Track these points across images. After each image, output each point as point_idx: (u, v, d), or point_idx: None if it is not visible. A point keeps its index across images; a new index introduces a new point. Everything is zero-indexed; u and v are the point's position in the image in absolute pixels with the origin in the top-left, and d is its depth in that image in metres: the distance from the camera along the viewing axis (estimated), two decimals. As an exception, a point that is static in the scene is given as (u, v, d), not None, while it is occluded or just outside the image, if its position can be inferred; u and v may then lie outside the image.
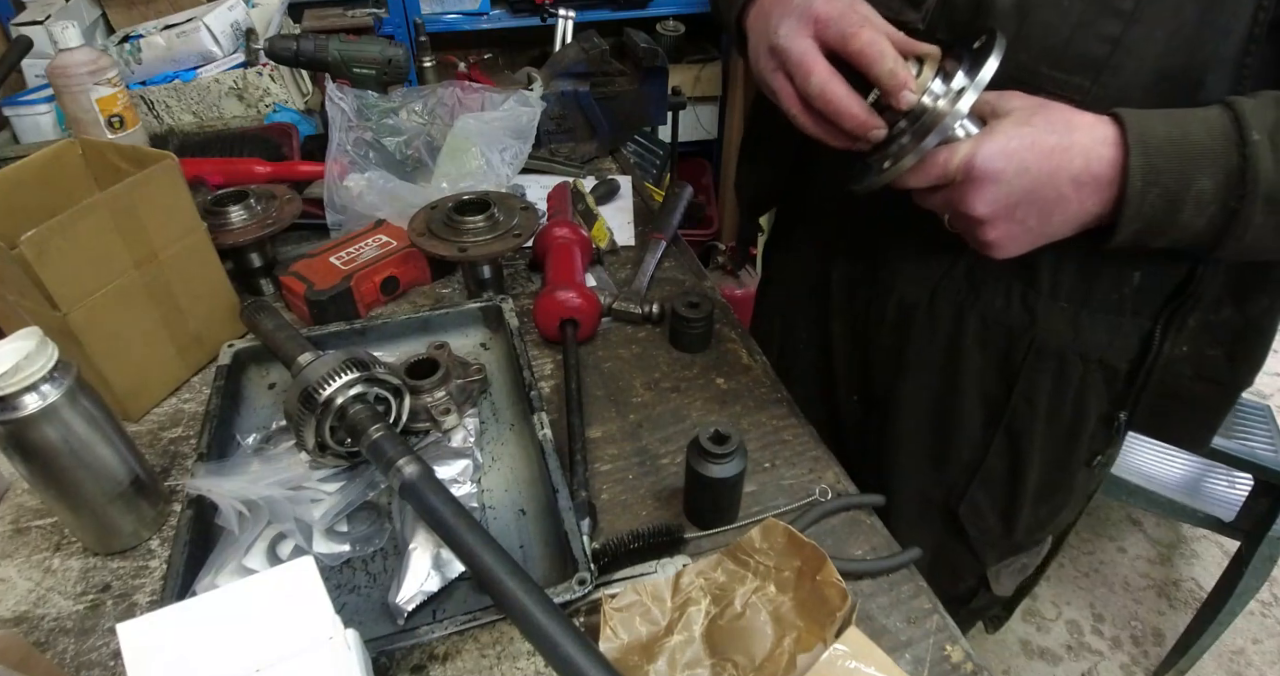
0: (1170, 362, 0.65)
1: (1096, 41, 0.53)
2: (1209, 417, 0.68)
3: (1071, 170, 0.48)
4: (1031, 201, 0.49)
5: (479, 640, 0.53)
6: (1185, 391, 0.66)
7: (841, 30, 0.51)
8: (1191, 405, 0.67)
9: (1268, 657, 1.60)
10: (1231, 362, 0.63)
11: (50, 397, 0.52)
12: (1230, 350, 0.63)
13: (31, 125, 1.26)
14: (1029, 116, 0.49)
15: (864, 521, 0.62)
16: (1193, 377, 0.65)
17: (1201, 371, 0.64)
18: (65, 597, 0.57)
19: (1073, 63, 0.54)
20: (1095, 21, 0.52)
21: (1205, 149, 0.46)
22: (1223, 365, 0.64)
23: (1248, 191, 0.45)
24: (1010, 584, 0.91)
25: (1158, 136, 0.46)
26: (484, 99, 1.02)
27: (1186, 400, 0.67)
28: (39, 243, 0.59)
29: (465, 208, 0.84)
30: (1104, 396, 0.70)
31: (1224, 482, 1.45)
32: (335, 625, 0.40)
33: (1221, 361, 0.63)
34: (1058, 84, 0.55)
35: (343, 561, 0.58)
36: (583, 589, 0.53)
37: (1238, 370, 0.63)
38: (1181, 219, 0.47)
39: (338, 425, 0.60)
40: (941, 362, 0.73)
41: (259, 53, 1.29)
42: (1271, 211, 0.46)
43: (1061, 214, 0.50)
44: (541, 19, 2.15)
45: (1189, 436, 0.70)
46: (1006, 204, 0.50)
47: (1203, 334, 0.63)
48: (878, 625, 0.54)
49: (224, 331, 0.78)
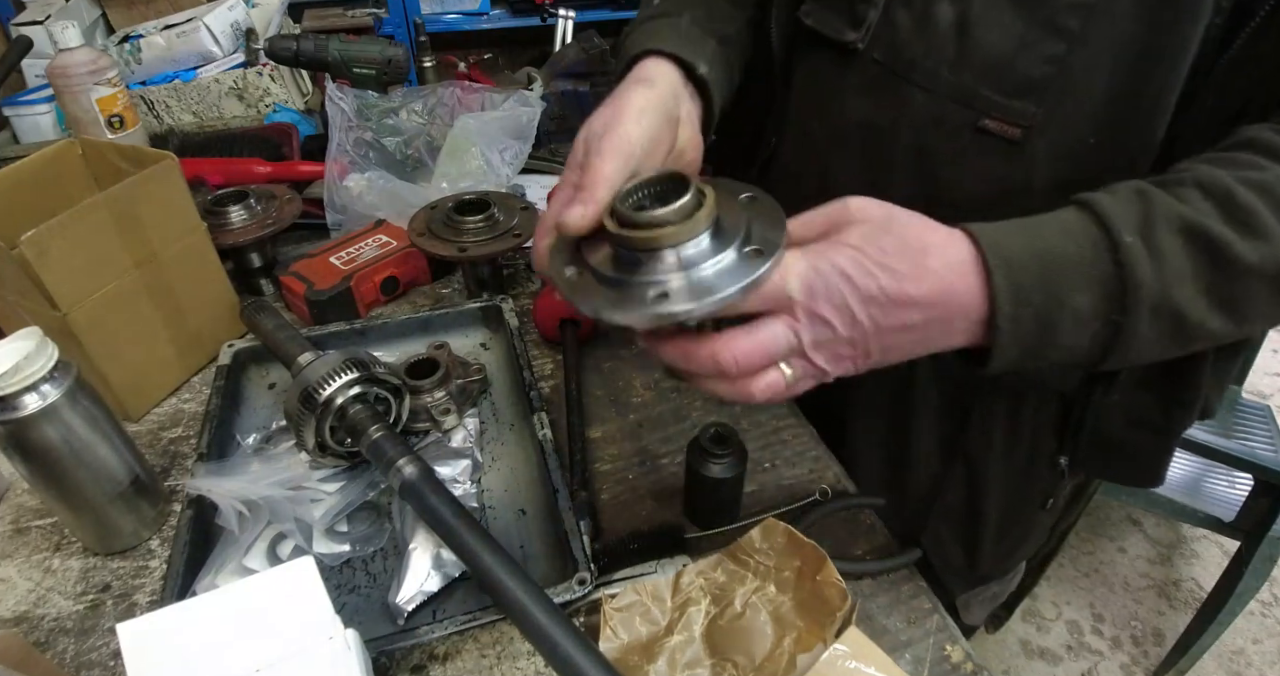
0: (1102, 411, 0.62)
1: (1040, 63, 0.50)
2: (1150, 462, 0.65)
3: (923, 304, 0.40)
4: (882, 339, 0.41)
5: (479, 640, 0.53)
6: (1120, 438, 0.64)
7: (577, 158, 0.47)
8: (1128, 451, 0.64)
9: (1268, 657, 1.60)
10: (1163, 410, 0.61)
11: (50, 397, 0.52)
12: (1160, 398, 0.60)
13: (31, 125, 1.26)
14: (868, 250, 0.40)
15: (864, 521, 0.62)
16: (1125, 424, 0.62)
17: (1133, 418, 0.62)
18: (65, 597, 0.57)
19: (1016, 85, 0.51)
20: (1039, 42, 0.50)
21: (1073, 260, 0.40)
22: (1155, 412, 0.61)
23: (1129, 303, 0.39)
24: (981, 613, 0.90)
25: (1018, 251, 0.40)
26: (484, 99, 1.02)
27: (1123, 446, 0.64)
28: (39, 243, 0.59)
29: (465, 208, 0.84)
30: (1051, 437, 0.67)
31: (1224, 482, 1.45)
32: (335, 625, 0.40)
33: (1154, 408, 0.61)
34: (1001, 108, 0.52)
35: (343, 561, 0.58)
36: (583, 589, 0.53)
37: (1170, 416, 0.61)
38: (1061, 340, 0.41)
39: (338, 425, 0.60)
40: (896, 397, 0.71)
41: (259, 53, 1.29)
42: (1158, 319, 0.40)
43: (921, 345, 0.42)
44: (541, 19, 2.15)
45: (1134, 479, 0.67)
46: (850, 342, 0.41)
47: (1133, 382, 0.60)
48: (878, 625, 0.54)
49: (224, 331, 0.78)
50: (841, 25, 0.59)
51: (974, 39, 0.52)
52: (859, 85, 0.60)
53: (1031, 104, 0.51)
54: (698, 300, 0.37)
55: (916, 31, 0.55)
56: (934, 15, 0.53)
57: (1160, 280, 0.39)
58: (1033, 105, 0.51)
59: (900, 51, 0.56)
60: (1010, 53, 0.51)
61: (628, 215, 0.39)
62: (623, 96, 0.50)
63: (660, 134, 0.49)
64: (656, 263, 0.39)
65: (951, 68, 0.54)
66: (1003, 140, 0.53)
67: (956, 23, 0.53)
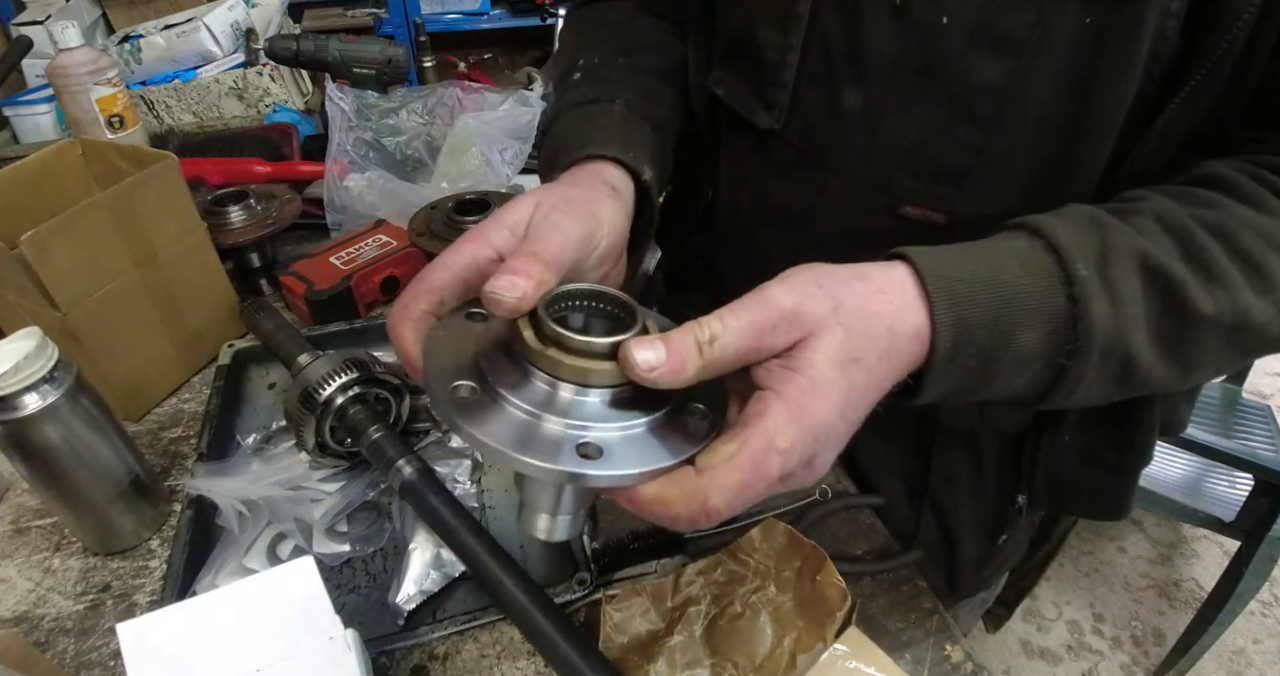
0: (1055, 451, 0.60)
1: (956, 150, 0.47)
2: (1111, 497, 0.63)
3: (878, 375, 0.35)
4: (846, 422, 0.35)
5: (479, 640, 0.53)
6: (1075, 477, 0.62)
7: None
8: (1087, 489, 0.63)
9: (1268, 658, 1.60)
10: (1117, 450, 0.59)
11: (50, 397, 0.52)
12: (1112, 438, 0.59)
13: (31, 125, 1.26)
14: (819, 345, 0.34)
15: (864, 521, 0.62)
16: (1080, 463, 0.61)
17: (1088, 458, 0.60)
18: (65, 597, 0.57)
19: (933, 172, 0.49)
20: (952, 128, 0.47)
21: (1024, 292, 0.35)
22: (1109, 451, 0.59)
23: (1080, 344, 0.35)
24: (971, 620, 0.89)
25: (964, 279, 0.35)
26: (484, 99, 1.02)
27: (1080, 485, 0.62)
28: (39, 243, 0.59)
29: (465, 207, 0.84)
30: (1008, 476, 0.66)
31: (1224, 482, 1.45)
32: (335, 625, 0.40)
33: (1108, 448, 0.59)
34: (919, 195, 0.50)
35: (343, 561, 0.58)
36: (583, 589, 0.53)
37: (1124, 456, 0.59)
38: (997, 381, 0.37)
39: (338, 425, 0.60)
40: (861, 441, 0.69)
41: (259, 53, 1.29)
42: (1105, 365, 0.36)
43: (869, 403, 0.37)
44: (541, 19, 2.15)
45: (1096, 513, 0.66)
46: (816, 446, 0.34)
47: (1084, 424, 0.58)
48: (878, 625, 0.54)
49: (224, 331, 0.78)
50: (753, 104, 0.55)
51: (885, 127, 0.49)
52: (777, 166, 0.57)
53: (951, 189, 0.49)
54: (633, 465, 0.30)
55: (826, 116, 0.52)
56: (842, 100, 0.50)
57: (1116, 321, 0.36)
58: (953, 190, 0.49)
59: (812, 136, 0.53)
60: (922, 141, 0.48)
61: (557, 334, 0.31)
62: (591, 192, 0.43)
63: (614, 253, 0.44)
64: (582, 401, 0.31)
65: (863, 156, 0.51)
66: (926, 224, 0.51)
67: (864, 109, 0.49)
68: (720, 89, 0.58)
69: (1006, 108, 0.45)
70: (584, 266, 0.40)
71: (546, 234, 0.37)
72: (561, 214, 0.39)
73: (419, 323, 0.37)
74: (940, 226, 0.50)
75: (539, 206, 0.39)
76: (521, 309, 0.33)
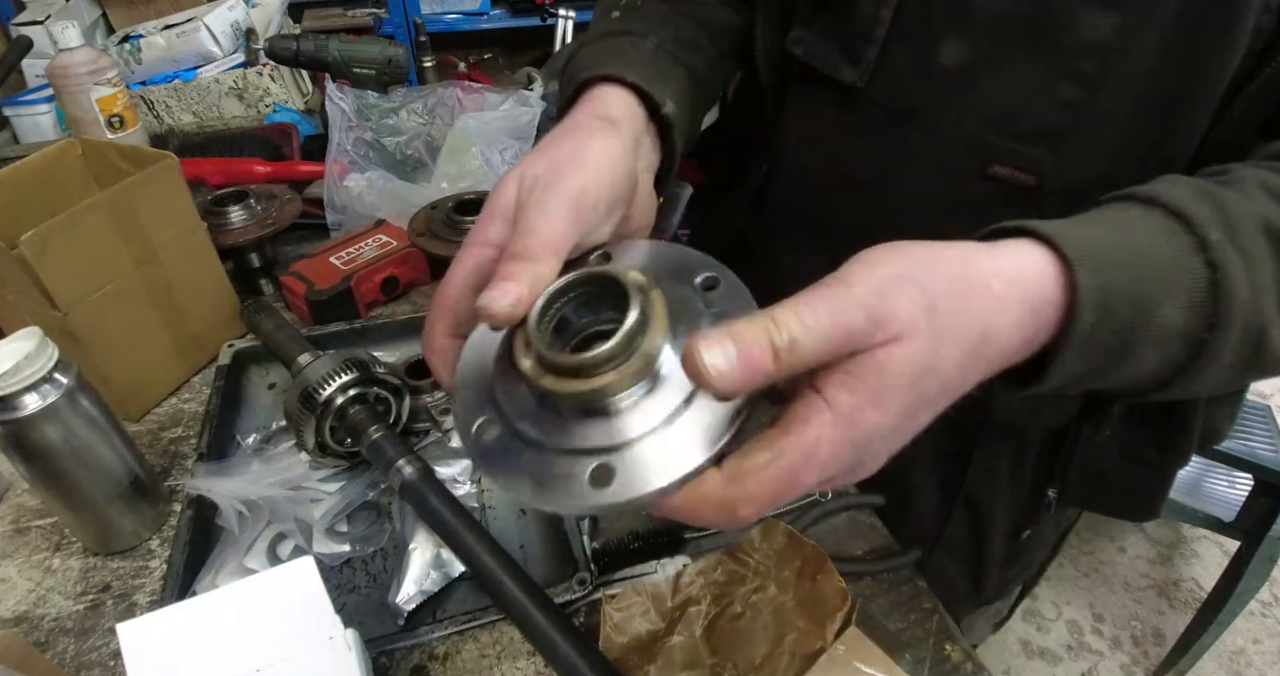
0: (1094, 446, 0.60)
1: (1056, 109, 0.46)
2: (1145, 496, 0.62)
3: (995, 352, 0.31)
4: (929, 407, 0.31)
5: (479, 640, 0.53)
6: (1113, 473, 0.61)
7: None
8: (1121, 486, 0.62)
9: (1268, 658, 1.60)
10: (1157, 447, 0.58)
11: (50, 397, 0.52)
12: (1154, 435, 0.58)
13: (31, 125, 1.26)
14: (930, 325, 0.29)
15: (864, 521, 0.62)
16: (1120, 459, 0.60)
17: (1128, 454, 0.59)
18: (65, 597, 0.57)
19: (1029, 132, 0.47)
20: (1054, 87, 0.46)
21: (1162, 258, 0.32)
22: (1149, 449, 0.59)
23: (1220, 316, 0.32)
24: (985, 630, 0.88)
25: (1101, 244, 0.31)
26: (484, 99, 1.02)
27: (1116, 482, 0.61)
28: (39, 243, 0.59)
29: (465, 207, 0.84)
30: (1041, 470, 0.65)
31: (1224, 482, 1.45)
32: (335, 625, 0.40)
33: (1148, 445, 0.59)
34: (1012, 155, 0.48)
35: (343, 561, 0.58)
36: (583, 589, 0.53)
37: (1164, 453, 0.58)
38: (1128, 364, 0.33)
39: (338, 425, 0.60)
40: None
41: (259, 53, 1.29)
42: (1244, 339, 0.33)
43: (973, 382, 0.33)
44: (541, 19, 2.15)
45: (1127, 513, 0.65)
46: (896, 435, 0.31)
47: (1126, 419, 0.58)
48: (878, 625, 0.54)
49: (224, 331, 0.78)
50: (838, 61, 0.53)
51: (982, 84, 0.48)
52: (859, 126, 0.55)
53: (1045, 150, 0.47)
54: (652, 481, 0.27)
55: (918, 73, 0.50)
56: (938, 56, 0.49)
57: (1253, 288, 0.32)
58: (1046, 152, 0.47)
59: (902, 95, 0.52)
60: (1023, 100, 0.47)
61: (547, 357, 0.28)
62: (580, 136, 0.39)
63: (619, 193, 0.39)
64: (590, 421, 0.29)
65: (957, 114, 0.50)
66: (1015, 186, 0.49)
67: (963, 66, 0.48)
68: (799, 47, 0.56)
69: (1111, 67, 0.44)
70: (590, 231, 0.36)
71: (533, 221, 0.34)
72: (545, 190, 0.35)
73: (444, 351, 0.35)
74: (1029, 188, 0.48)
75: (522, 183, 0.36)
76: (519, 314, 0.30)
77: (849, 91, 0.54)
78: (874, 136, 0.55)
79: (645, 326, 0.28)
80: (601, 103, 0.44)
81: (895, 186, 0.54)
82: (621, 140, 0.40)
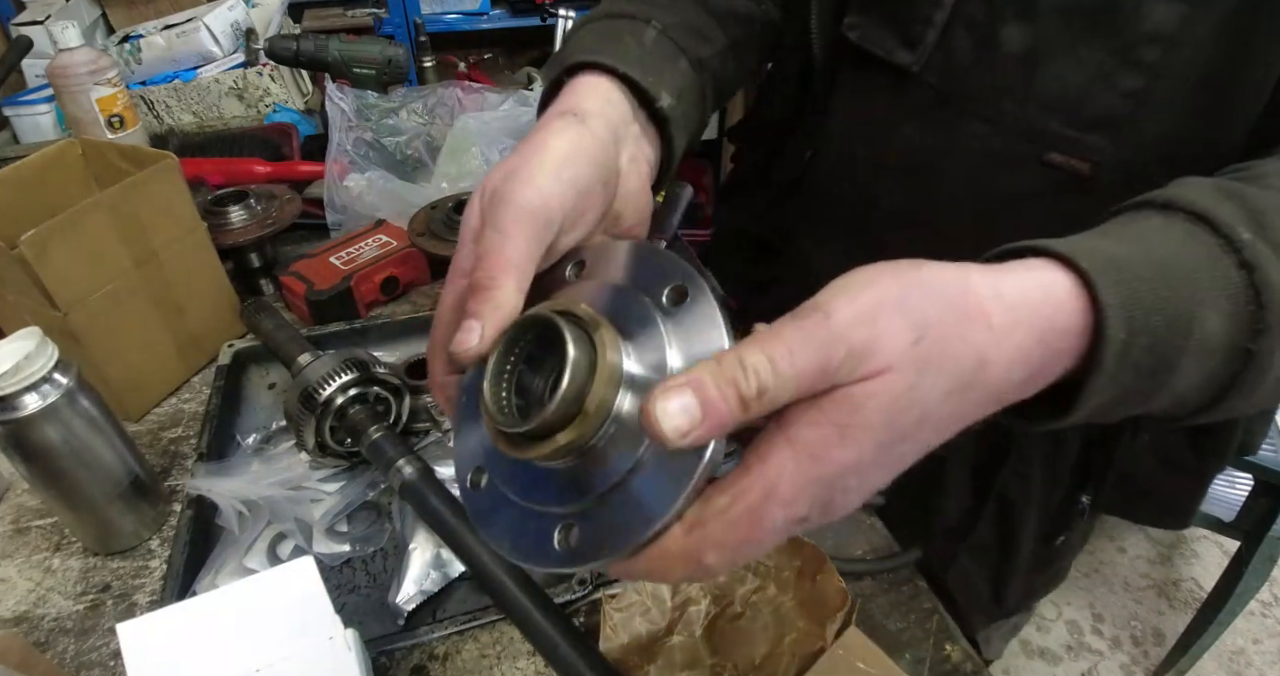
0: (1132, 452, 0.59)
1: (1116, 97, 0.46)
2: (1181, 504, 0.62)
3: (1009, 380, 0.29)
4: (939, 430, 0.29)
5: (479, 640, 0.53)
6: (1149, 480, 0.61)
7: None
8: (1157, 492, 0.62)
9: (1268, 658, 1.60)
10: (1195, 450, 0.58)
11: (50, 397, 0.52)
12: (1192, 438, 0.58)
13: (31, 125, 1.26)
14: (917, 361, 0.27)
15: (864, 521, 0.62)
16: (1157, 465, 0.59)
17: (1165, 459, 0.59)
18: (65, 597, 0.57)
19: (1089, 120, 0.47)
20: (1115, 75, 0.45)
21: (1190, 265, 0.30)
22: (1186, 452, 0.58)
23: (1266, 321, 0.30)
24: (1001, 645, 0.87)
25: (1119, 255, 0.29)
26: (484, 99, 1.02)
27: (1151, 488, 0.61)
28: (39, 243, 0.59)
29: (464, 208, 0.84)
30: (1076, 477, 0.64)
31: (1224, 482, 1.44)
32: (335, 625, 0.40)
33: (1185, 448, 0.58)
34: (1070, 143, 0.48)
35: (343, 561, 0.58)
36: (583, 589, 0.53)
37: (1204, 457, 0.58)
38: (1169, 384, 0.30)
39: (338, 425, 0.60)
40: None
41: (259, 53, 1.29)
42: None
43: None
44: (541, 19, 2.15)
45: (1160, 521, 0.65)
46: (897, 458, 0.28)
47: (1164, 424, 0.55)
48: (878, 625, 0.54)
49: (224, 331, 0.78)
50: (893, 45, 0.53)
51: (1044, 70, 0.47)
52: (911, 111, 0.55)
53: (1104, 139, 0.47)
54: (615, 544, 0.26)
55: (978, 58, 0.50)
56: (999, 42, 0.48)
57: None
58: (1105, 140, 0.47)
59: (959, 79, 0.51)
60: (1084, 86, 0.47)
61: (499, 424, 0.28)
62: (539, 138, 0.37)
63: (590, 192, 0.36)
64: (556, 477, 0.28)
65: (1017, 101, 0.49)
66: (1068, 174, 0.49)
67: (1024, 54, 0.48)
68: (854, 33, 0.55)
69: (1172, 55, 0.44)
70: (562, 236, 0.35)
71: (489, 242, 0.32)
72: (500, 205, 0.33)
73: (446, 387, 0.35)
74: (1082, 177, 0.48)
75: (483, 200, 0.35)
76: (485, 350, 0.30)
77: (902, 75, 0.53)
78: (923, 120, 0.54)
79: (587, 381, 0.26)
80: (573, 95, 0.41)
81: (944, 172, 0.54)
82: (592, 135, 0.38)
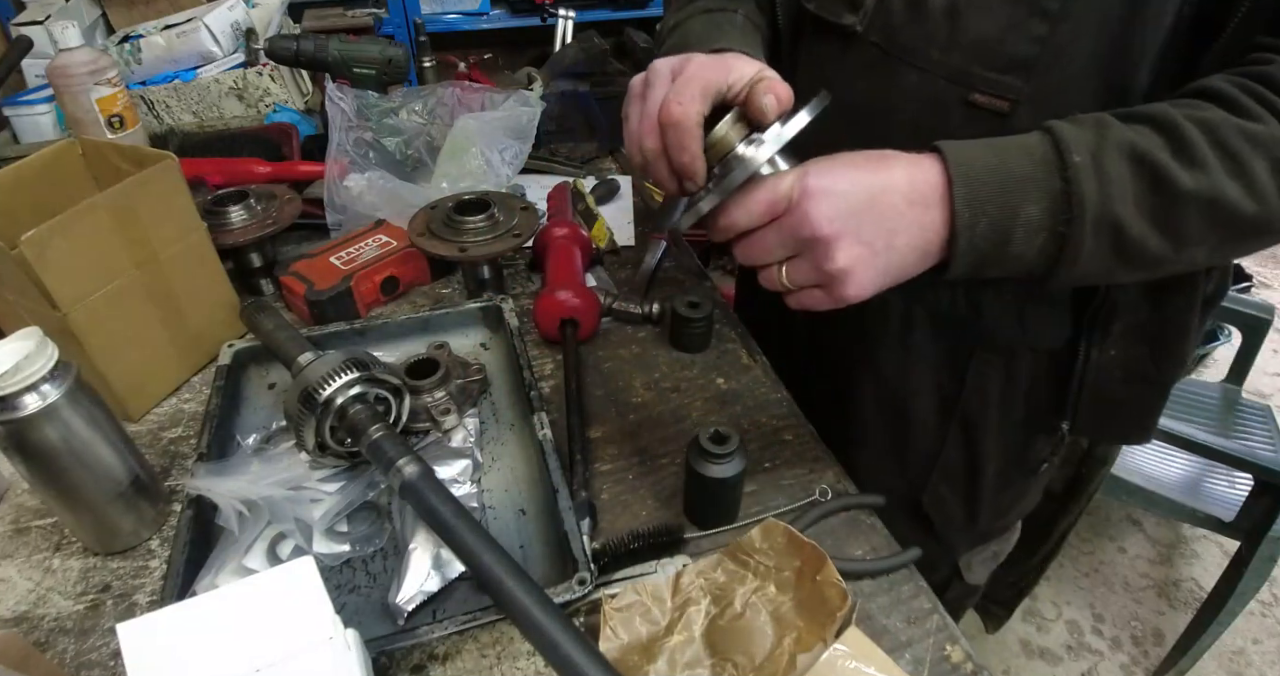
0: (1100, 368, 0.66)
1: (1026, 42, 0.54)
2: (1145, 415, 0.69)
3: (900, 188, 0.46)
4: (872, 215, 0.46)
5: (479, 640, 0.53)
6: (1118, 393, 0.67)
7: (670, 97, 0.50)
8: (1126, 405, 0.68)
9: (1268, 658, 1.60)
10: (1156, 362, 0.65)
11: (50, 397, 0.52)
12: (1153, 350, 0.64)
13: (31, 125, 1.26)
14: (850, 155, 0.48)
15: (864, 521, 0.62)
16: (1123, 379, 0.66)
17: (1130, 372, 0.66)
18: (65, 597, 0.57)
19: (1004, 63, 0.56)
20: (1023, 23, 0.54)
21: (1026, 175, 0.45)
22: (1149, 364, 0.65)
23: (1074, 215, 0.44)
24: (983, 572, 0.92)
25: (977, 166, 0.45)
26: (484, 99, 1.02)
27: (1121, 401, 0.68)
28: (39, 243, 0.59)
29: (465, 208, 0.84)
30: (1049, 400, 0.71)
31: (1224, 482, 1.45)
32: (335, 625, 0.40)
33: (1147, 360, 0.65)
34: (991, 84, 0.56)
35: (343, 561, 0.58)
36: (583, 589, 0.53)
37: (1163, 368, 0.65)
38: (1013, 248, 0.46)
39: (338, 425, 0.60)
40: (895, 356, 0.74)
41: (259, 53, 1.29)
42: (1099, 234, 0.45)
43: (905, 234, 0.46)
44: (541, 19, 2.15)
45: (1127, 435, 0.72)
46: (849, 216, 0.45)
47: (1127, 336, 0.64)
48: (878, 625, 0.54)
49: (224, 331, 0.78)
50: (841, 9, 0.63)
51: (964, 23, 0.56)
52: (858, 66, 0.64)
53: (1018, 79, 0.55)
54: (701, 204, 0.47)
55: (910, 16, 0.59)
56: (926, 1, 0.57)
57: (1103, 196, 0.44)
58: (1019, 80, 0.55)
59: (895, 34, 0.60)
60: (998, 34, 0.55)
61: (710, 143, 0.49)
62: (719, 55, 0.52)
63: None
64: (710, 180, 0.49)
65: (943, 49, 0.58)
66: (992, 112, 0.57)
67: (947, 8, 0.57)
68: (812, 4, 0.66)
69: (1071, 4, 0.52)
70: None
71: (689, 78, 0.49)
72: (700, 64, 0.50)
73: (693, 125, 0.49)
74: (1002, 113, 0.57)
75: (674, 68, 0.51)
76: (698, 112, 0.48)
77: (850, 36, 0.63)
78: (871, 74, 0.63)
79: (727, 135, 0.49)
80: None
81: (888, 116, 0.63)
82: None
